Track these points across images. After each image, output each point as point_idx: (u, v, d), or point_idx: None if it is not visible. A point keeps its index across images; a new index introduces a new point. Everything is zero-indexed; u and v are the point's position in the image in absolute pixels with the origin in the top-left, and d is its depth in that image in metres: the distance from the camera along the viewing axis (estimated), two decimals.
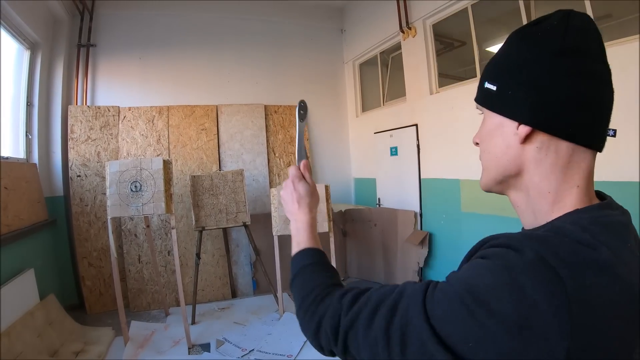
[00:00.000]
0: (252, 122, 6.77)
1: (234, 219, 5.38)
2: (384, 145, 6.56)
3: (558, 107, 0.77)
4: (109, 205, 4.36)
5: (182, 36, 6.65)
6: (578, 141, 0.78)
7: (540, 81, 0.78)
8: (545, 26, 0.81)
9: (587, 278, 0.65)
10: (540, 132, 0.79)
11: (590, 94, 0.77)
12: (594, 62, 0.78)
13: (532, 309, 0.62)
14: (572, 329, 0.61)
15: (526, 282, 0.64)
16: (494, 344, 0.63)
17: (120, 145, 5.91)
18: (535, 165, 0.81)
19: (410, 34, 5.80)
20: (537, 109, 0.78)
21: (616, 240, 0.73)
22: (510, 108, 0.82)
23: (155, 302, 5.64)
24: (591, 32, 0.79)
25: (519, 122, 0.81)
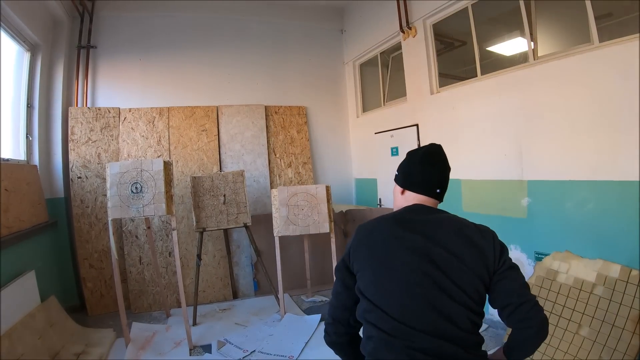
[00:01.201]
0: (253, 123, 6.77)
1: (234, 219, 5.37)
2: (384, 145, 6.55)
3: (409, 181, 1.84)
4: (109, 207, 4.35)
5: (182, 37, 6.64)
6: (418, 192, 1.81)
7: (404, 172, 1.88)
8: (417, 151, 1.89)
9: (361, 230, 1.80)
10: (405, 189, 1.86)
11: (421, 178, 1.81)
12: (427, 166, 1.81)
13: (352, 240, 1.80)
14: (351, 247, 1.77)
15: (353, 236, 1.82)
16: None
17: (120, 147, 5.90)
18: (403, 202, 1.85)
19: (411, 34, 5.79)
20: (402, 182, 1.87)
21: (387, 219, 1.77)
22: (399, 181, 1.90)
23: (157, 304, 5.64)
24: (434, 153, 1.85)
25: (400, 187, 1.88)
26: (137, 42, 6.36)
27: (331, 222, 5.18)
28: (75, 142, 5.68)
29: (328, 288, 6.10)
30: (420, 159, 1.82)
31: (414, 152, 1.88)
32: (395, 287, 1.59)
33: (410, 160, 1.86)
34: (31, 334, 3.85)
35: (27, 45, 5.13)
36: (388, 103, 6.89)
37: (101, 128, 5.84)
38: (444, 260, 1.57)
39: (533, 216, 4.23)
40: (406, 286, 1.57)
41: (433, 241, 1.61)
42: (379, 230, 1.72)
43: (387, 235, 1.68)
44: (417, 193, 1.80)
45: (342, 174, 7.79)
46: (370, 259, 1.67)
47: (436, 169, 1.81)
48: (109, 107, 5.97)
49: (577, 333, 3.46)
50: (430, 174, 1.80)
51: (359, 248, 1.73)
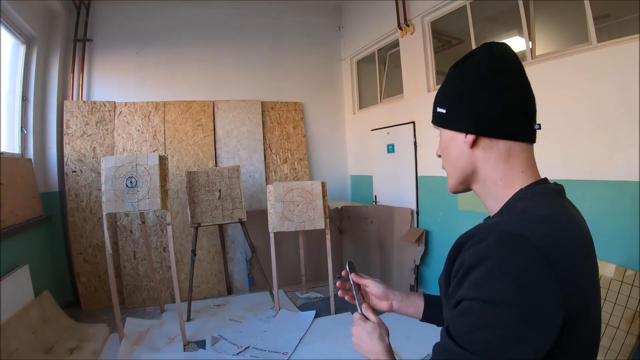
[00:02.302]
0: (249, 118, 6.75)
1: (230, 215, 5.36)
2: (380, 142, 6.54)
3: (491, 116, 1.02)
4: (104, 201, 4.33)
5: (179, 31, 6.61)
6: (511, 138, 1.02)
7: (476, 100, 1.03)
8: (475, 58, 1.07)
9: (539, 229, 0.86)
10: (482, 137, 1.04)
11: (513, 102, 1.02)
12: (513, 78, 1.04)
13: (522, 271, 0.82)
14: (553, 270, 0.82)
15: (504, 255, 0.84)
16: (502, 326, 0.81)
17: (116, 141, 5.87)
18: (484, 162, 1.05)
19: (409, 31, 5.77)
20: (477, 121, 1.03)
21: (551, 201, 0.98)
22: (458, 124, 1.07)
23: (151, 299, 5.63)
24: (509, 56, 1.05)
25: (466, 133, 1.05)
26: (134, 35, 6.32)
27: (326, 219, 5.18)
28: (70, 136, 5.65)
29: (322, 284, 6.12)
30: (493, 67, 1.04)
31: (473, 62, 1.07)
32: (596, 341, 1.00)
33: (473, 75, 1.06)
34: (25, 329, 3.84)
35: (23, 38, 5.09)
36: (385, 100, 6.88)
37: (96, 122, 5.81)
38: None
39: None
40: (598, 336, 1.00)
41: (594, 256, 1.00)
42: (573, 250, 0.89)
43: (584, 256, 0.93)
44: (510, 139, 1.03)
45: (338, 170, 7.78)
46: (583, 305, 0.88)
47: (523, 85, 1.06)
48: (105, 101, 5.94)
49: None
50: (519, 95, 1.05)
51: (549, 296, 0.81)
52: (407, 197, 5.93)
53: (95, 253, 5.57)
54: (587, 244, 0.96)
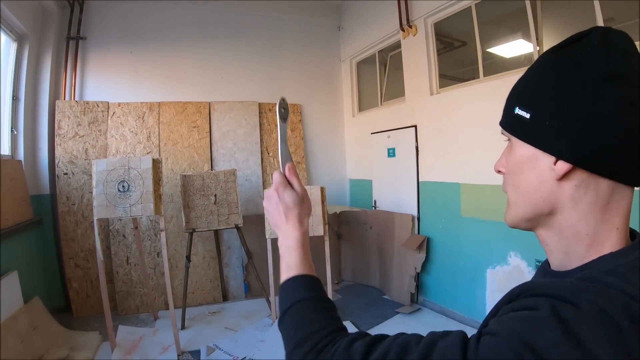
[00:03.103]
0: (246, 120, 6.61)
1: (225, 220, 5.21)
2: (381, 146, 6.41)
3: (604, 141, 0.68)
4: (95, 206, 4.18)
5: (175, 30, 6.45)
6: (622, 179, 0.71)
7: (584, 112, 0.69)
8: (585, 47, 0.72)
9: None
10: (581, 169, 0.71)
11: (635, 124, 0.67)
12: (638, 88, 0.68)
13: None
14: None
15: (589, 337, 0.57)
16: None
17: (109, 142, 5.72)
18: (572, 205, 0.74)
19: (411, 32, 5.65)
20: (581, 144, 0.69)
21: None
22: (548, 140, 0.74)
23: (144, 305, 5.48)
24: (633, 55, 0.70)
25: (557, 157, 0.73)
26: (128, 34, 6.16)
27: (325, 225, 5.05)
28: (61, 137, 5.49)
29: None
30: (624, 70, 0.68)
31: (588, 55, 0.71)
32: None
33: (590, 73, 0.70)
34: (13, 337, 3.70)
35: (14, 35, 4.95)
36: (385, 103, 6.76)
37: (89, 123, 5.66)
38: None
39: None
40: None
41: None
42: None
43: None
44: (619, 181, 0.72)
45: (336, 174, 7.65)
46: None
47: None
48: (98, 101, 5.78)
49: None
50: None
51: None
52: (407, 202, 5.80)
53: (87, 258, 5.42)
54: None
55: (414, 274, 5.43)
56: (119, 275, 5.47)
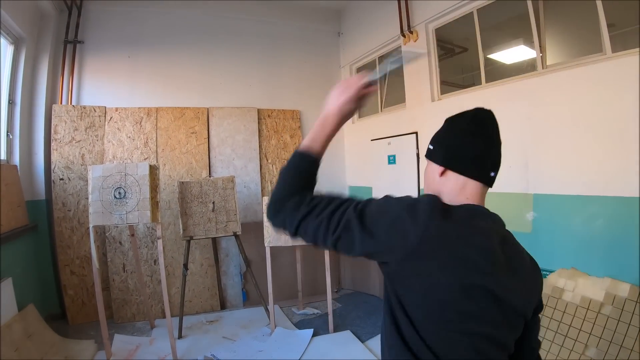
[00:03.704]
0: (245, 126, 6.54)
1: (224, 228, 5.13)
2: (381, 153, 6.35)
3: (457, 158, 1.33)
4: (91, 213, 4.10)
5: (173, 35, 6.39)
6: (468, 175, 1.31)
7: (451, 145, 1.36)
8: (462, 117, 1.39)
9: (436, 218, 1.15)
10: (448, 170, 1.34)
11: (476, 154, 1.32)
12: (482, 138, 1.33)
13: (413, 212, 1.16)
14: (423, 234, 1.11)
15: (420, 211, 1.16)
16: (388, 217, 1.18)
17: (105, 148, 5.65)
18: (445, 187, 1.35)
19: (412, 38, 5.61)
20: (447, 159, 1.35)
21: (474, 216, 1.24)
22: (436, 157, 1.40)
23: (141, 314, 5.39)
24: (486, 122, 1.36)
25: (438, 165, 1.37)
26: (127, 38, 6.09)
27: None
28: (58, 142, 5.42)
29: (320, 300, 5.92)
30: (469, 127, 1.34)
31: (458, 119, 1.40)
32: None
33: (454, 129, 1.39)
34: (7, 346, 3.60)
35: (10, 38, 4.89)
36: (385, 109, 6.70)
37: (86, 127, 5.58)
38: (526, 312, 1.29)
39: (538, 231, 4.06)
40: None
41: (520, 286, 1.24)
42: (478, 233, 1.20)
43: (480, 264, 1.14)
44: (467, 177, 1.31)
45: (336, 180, 7.57)
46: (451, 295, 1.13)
47: (490, 143, 1.35)
48: (95, 106, 5.71)
49: (584, 354, 3.34)
50: (483, 149, 1.33)
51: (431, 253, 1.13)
52: None
53: (82, 265, 5.33)
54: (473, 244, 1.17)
55: None
56: (115, 283, 5.38)
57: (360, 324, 5.20)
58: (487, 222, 1.27)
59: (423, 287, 1.13)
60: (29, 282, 4.73)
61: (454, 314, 1.12)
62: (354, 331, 4.95)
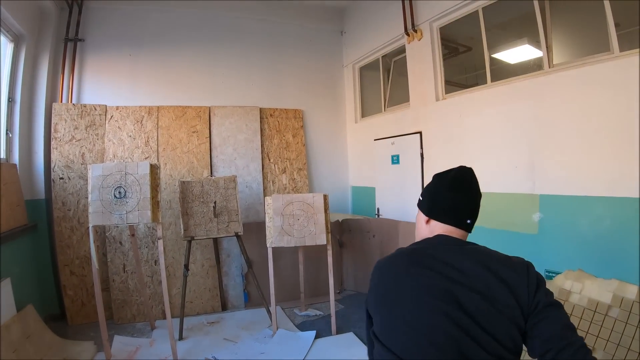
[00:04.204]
0: (247, 125, 6.49)
1: (225, 228, 5.07)
2: (384, 153, 6.29)
3: (437, 209, 1.63)
4: (90, 212, 4.03)
5: (175, 33, 6.35)
6: (447, 223, 1.60)
7: (433, 199, 1.66)
8: (446, 174, 1.66)
9: (375, 268, 1.61)
10: (430, 218, 1.65)
11: (451, 207, 1.60)
12: (458, 193, 1.60)
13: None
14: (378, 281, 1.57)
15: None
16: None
17: (106, 147, 5.59)
18: (428, 231, 1.65)
19: (416, 37, 5.55)
20: (430, 210, 1.65)
21: (404, 253, 1.59)
22: (423, 208, 1.70)
23: (141, 314, 5.33)
24: (465, 178, 1.63)
25: (424, 214, 1.68)
26: (128, 36, 6.06)
27: (328, 234, 4.91)
28: (58, 141, 5.36)
29: (322, 301, 5.86)
30: (449, 184, 1.63)
31: (442, 176, 1.69)
32: (414, 335, 1.38)
33: (438, 186, 1.68)
34: (5, 347, 3.55)
35: (10, 35, 4.84)
36: (389, 109, 6.65)
37: (86, 126, 5.53)
38: (470, 302, 1.34)
39: (544, 232, 4.02)
40: (428, 334, 1.35)
41: (457, 279, 1.40)
42: (393, 267, 1.56)
43: (400, 273, 1.51)
44: (444, 223, 1.62)
45: (338, 181, 7.53)
46: (383, 302, 1.53)
47: (466, 196, 1.63)
48: (95, 104, 5.66)
49: None
50: (460, 202, 1.62)
51: (373, 289, 1.60)
52: (412, 210, 5.62)
53: (82, 265, 5.27)
54: (409, 261, 1.53)
55: None
56: (115, 283, 5.32)
57: (364, 325, 5.12)
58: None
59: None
60: (28, 283, 4.68)
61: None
62: (357, 333, 4.87)
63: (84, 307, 5.27)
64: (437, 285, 1.40)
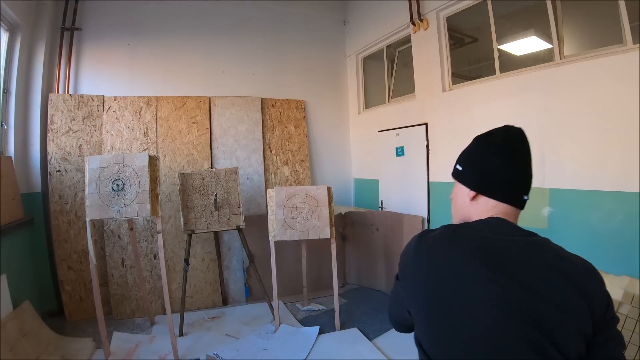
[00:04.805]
0: (248, 116, 6.36)
1: (226, 221, 4.96)
2: (388, 144, 6.18)
3: (492, 183, 1.32)
4: (87, 206, 3.91)
5: (174, 22, 6.20)
6: (501, 200, 1.31)
7: (484, 168, 1.34)
8: (492, 137, 1.36)
9: (421, 250, 1.30)
10: (478, 193, 1.34)
11: (510, 177, 1.31)
12: (514, 160, 1.31)
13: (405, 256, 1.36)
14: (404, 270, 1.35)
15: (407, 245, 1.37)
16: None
17: (104, 138, 5.46)
18: (474, 211, 1.36)
19: (422, 26, 5.42)
20: (480, 183, 1.34)
21: (465, 241, 1.23)
22: (467, 180, 1.39)
23: (140, 310, 5.23)
24: (518, 142, 1.33)
25: (470, 189, 1.37)
26: (126, 25, 5.90)
27: (332, 227, 4.80)
28: (54, 132, 5.24)
29: (325, 295, 5.78)
30: (500, 148, 1.31)
31: (488, 139, 1.37)
32: (477, 356, 1.09)
33: (484, 151, 1.35)
34: (2, 345, 3.46)
35: (5, 24, 4.71)
36: (393, 100, 6.52)
37: (83, 117, 5.40)
38: (549, 320, 1.06)
39: (554, 227, 3.93)
40: (495, 357, 1.06)
41: (534, 288, 1.08)
42: (454, 258, 1.19)
43: (464, 272, 1.15)
44: (497, 200, 1.31)
45: (341, 173, 7.43)
46: (437, 305, 1.18)
47: (522, 165, 1.31)
48: (93, 95, 5.52)
49: None
50: (516, 172, 1.31)
51: (415, 277, 1.27)
52: (417, 203, 5.57)
53: (80, 260, 5.16)
54: (476, 257, 1.17)
55: None
56: (113, 278, 5.21)
57: (367, 320, 5.04)
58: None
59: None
60: (24, 278, 4.56)
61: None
62: (361, 328, 4.78)
63: (82, 303, 5.17)
64: (512, 296, 1.08)
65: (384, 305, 5.50)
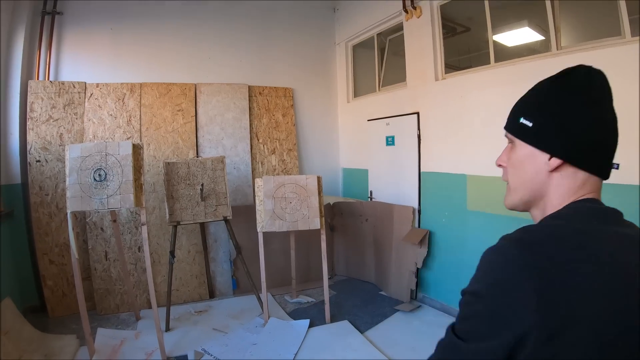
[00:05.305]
0: (235, 103, 6.20)
1: (213, 212, 4.82)
2: (378, 134, 6.06)
3: (585, 146, 0.94)
4: (68, 197, 3.74)
5: (159, 6, 5.98)
6: (594, 172, 0.95)
7: (572, 125, 0.94)
8: (575, 80, 0.98)
9: (534, 234, 0.88)
10: (568, 164, 0.95)
11: (606, 137, 0.96)
12: (607, 112, 0.97)
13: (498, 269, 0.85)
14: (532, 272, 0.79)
15: (489, 253, 0.89)
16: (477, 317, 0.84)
17: (85, 127, 5.28)
18: (555, 189, 0.98)
19: (415, 14, 5.29)
20: (569, 147, 0.94)
21: (589, 221, 0.89)
22: (544, 143, 0.98)
23: (125, 304, 5.08)
24: (606, 87, 0.98)
25: (551, 155, 0.97)
26: (109, 9, 5.67)
27: (322, 217, 4.69)
28: (34, 121, 5.04)
29: (313, 287, 5.71)
30: (589, 96, 0.95)
31: (571, 82, 0.98)
32: None
33: (572, 98, 0.96)
34: None
35: None
36: (383, 88, 6.40)
37: (64, 105, 5.21)
38: None
39: None
40: None
41: None
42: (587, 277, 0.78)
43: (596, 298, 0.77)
44: (589, 172, 0.95)
45: (329, 162, 7.30)
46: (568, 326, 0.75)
47: (615, 119, 0.98)
48: (74, 82, 5.32)
49: None
50: (611, 130, 0.97)
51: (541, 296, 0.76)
52: (408, 194, 5.48)
53: (62, 253, 4.99)
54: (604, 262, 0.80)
55: (414, 270, 5.13)
56: (97, 272, 5.05)
57: (358, 313, 4.96)
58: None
59: None
60: (4, 273, 4.40)
61: None
62: (352, 321, 4.70)
63: (64, 298, 5.00)
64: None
65: (373, 296, 5.44)
